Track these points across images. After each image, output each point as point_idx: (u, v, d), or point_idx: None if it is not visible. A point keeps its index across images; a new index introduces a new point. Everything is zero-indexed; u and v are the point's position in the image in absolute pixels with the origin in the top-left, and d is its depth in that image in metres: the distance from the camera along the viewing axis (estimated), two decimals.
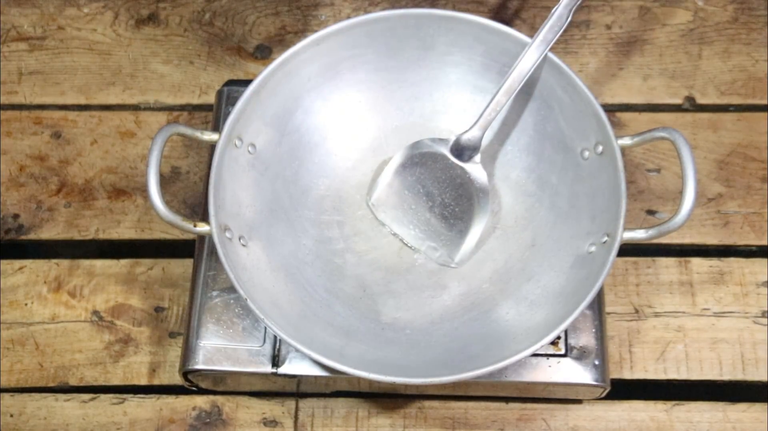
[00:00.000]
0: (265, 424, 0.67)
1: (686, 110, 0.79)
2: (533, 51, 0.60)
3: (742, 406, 0.67)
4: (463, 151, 0.64)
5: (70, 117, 0.79)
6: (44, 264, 0.73)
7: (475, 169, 0.64)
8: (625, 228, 0.57)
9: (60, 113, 0.79)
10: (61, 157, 0.77)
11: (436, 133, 0.67)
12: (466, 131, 0.63)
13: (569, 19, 0.60)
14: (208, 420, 0.67)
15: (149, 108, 0.80)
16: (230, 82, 0.73)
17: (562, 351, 0.62)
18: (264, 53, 0.82)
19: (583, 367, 0.62)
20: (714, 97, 0.79)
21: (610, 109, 0.78)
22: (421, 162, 0.65)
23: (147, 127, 0.78)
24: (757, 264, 0.72)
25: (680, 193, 0.56)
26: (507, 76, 0.61)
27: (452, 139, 0.63)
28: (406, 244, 0.66)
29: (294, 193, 0.66)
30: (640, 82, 0.79)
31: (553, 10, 0.60)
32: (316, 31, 0.64)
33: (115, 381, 0.69)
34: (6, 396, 0.68)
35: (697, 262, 0.72)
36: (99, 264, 0.73)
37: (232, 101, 0.70)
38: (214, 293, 0.64)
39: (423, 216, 0.66)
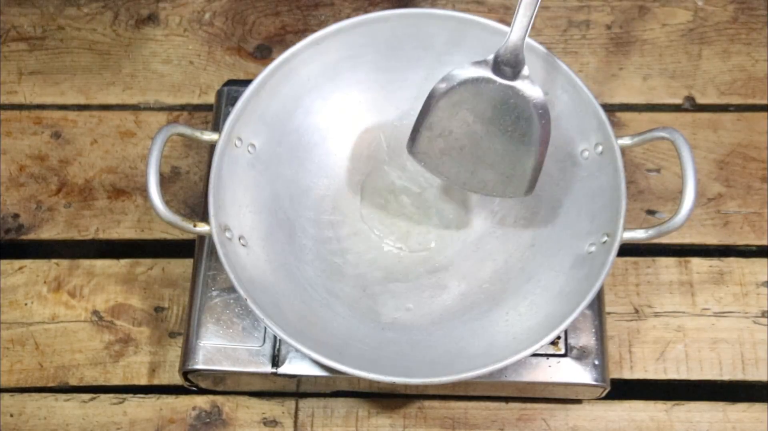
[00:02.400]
0: (265, 424, 0.67)
1: (686, 110, 0.79)
2: None
3: (742, 406, 0.67)
4: (506, 67, 0.58)
5: (70, 117, 0.79)
6: (44, 264, 0.73)
7: (525, 85, 0.58)
8: (625, 228, 0.57)
9: (60, 113, 0.79)
10: (61, 156, 0.77)
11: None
12: (504, 43, 0.57)
13: None
14: (208, 420, 0.67)
15: (149, 108, 0.80)
16: (230, 82, 0.73)
17: (562, 351, 0.62)
18: (264, 53, 0.82)
19: (583, 367, 0.62)
20: (714, 97, 0.79)
21: (610, 109, 0.78)
22: (461, 93, 0.59)
23: (147, 126, 0.78)
24: (757, 264, 0.72)
25: (680, 192, 0.56)
26: None
27: (491, 57, 0.58)
28: (467, 191, 0.63)
29: (294, 193, 0.66)
30: (640, 81, 0.79)
31: None
32: (316, 31, 0.64)
33: (115, 381, 0.69)
34: (6, 396, 0.68)
35: (697, 262, 0.72)
36: (99, 264, 0.73)
37: (232, 101, 0.70)
38: (214, 293, 0.64)
39: (478, 153, 0.60)
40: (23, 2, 0.84)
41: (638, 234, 0.57)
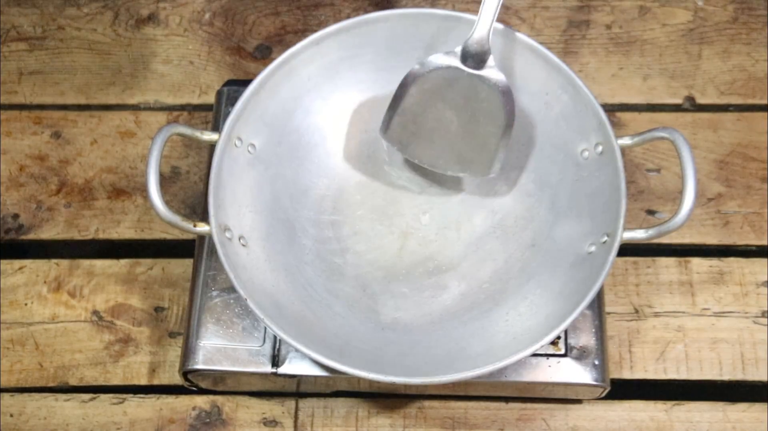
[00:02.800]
0: (265, 424, 0.67)
1: (686, 110, 0.79)
2: None
3: (741, 406, 0.67)
4: (473, 57, 0.61)
5: (70, 117, 0.79)
6: (44, 264, 0.73)
7: (491, 72, 0.61)
8: (625, 228, 0.57)
9: (60, 113, 0.79)
10: (61, 156, 0.77)
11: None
12: (470, 35, 0.61)
13: None
14: (208, 420, 0.67)
15: (149, 108, 0.80)
16: (230, 82, 0.73)
17: (562, 351, 0.62)
18: (264, 53, 0.82)
19: (583, 367, 0.62)
20: (714, 97, 0.79)
21: (610, 109, 0.78)
22: (432, 81, 0.62)
23: (147, 126, 0.78)
24: (757, 264, 0.72)
25: (680, 192, 0.56)
26: None
27: (458, 49, 0.61)
28: (437, 172, 0.65)
29: (294, 193, 0.66)
30: (640, 81, 0.79)
31: None
32: (315, 31, 0.64)
33: (115, 381, 0.69)
34: (6, 396, 0.68)
35: (696, 262, 0.72)
36: (99, 264, 0.73)
37: (231, 101, 0.70)
38: (214, 293, 0.64)
39: (447, 136, 0.64)
40: (23, 2, 0.84)
41: (638, 235, 0.57)
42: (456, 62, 0.61)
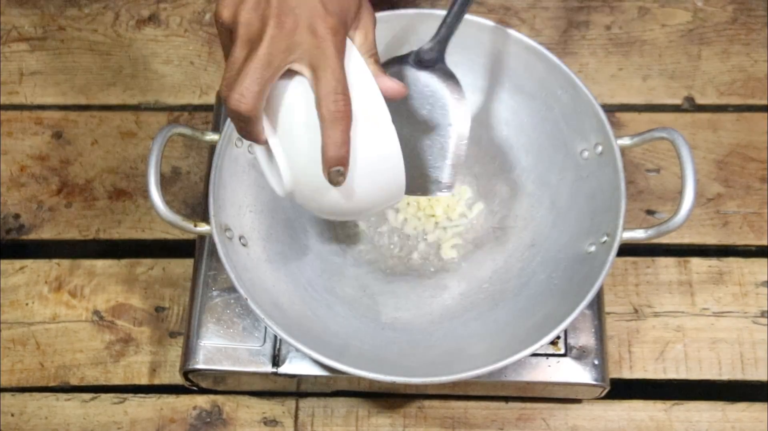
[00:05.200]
0: (265, 424, 0.67)
1: (685, 110, 0.79)
2: None
3: (741, 406, 0.67)
4: (426, 63, 0.57)
5: (70, 117, 0.79)
6: (45, 264, 0.73)
7: (441, 68, 0.57)
8: (625, 228, 0.57)
9: (61, 113, 0.79)
10: (61, 157, 0.77)
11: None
12: (425, 44, 0.57)
13: None
14: (208, 419, 0.68)
15: (150, 108, 0.80)
16: None
17: (562, 351, 0.62)
18: None
19: (583, 367, 0.62)
20: (713, 98, 0.79)
21: (610, 110, 0.78)
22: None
23: (147, 127, 0.78)
24: (756, 264, 0.72)
25: (679, 193, 0.56)
26: None
27: (411, 52, 0.57)
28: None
29: None
30: (639, 82, 0.80)
31: None
32: None
33: (116, 380, 0.69)
34: (7, 395, 0.69)
35: (696, 262, 0.72)
36: (100, 264, 0.73)
37: None
38: (215, 293, 0.64)
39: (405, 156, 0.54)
40: (24, 3, 0.84)
41: (638, 234, 0.57)
42: (407, 65, 0.57)
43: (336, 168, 0.46)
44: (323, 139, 0.46)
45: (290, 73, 0.47)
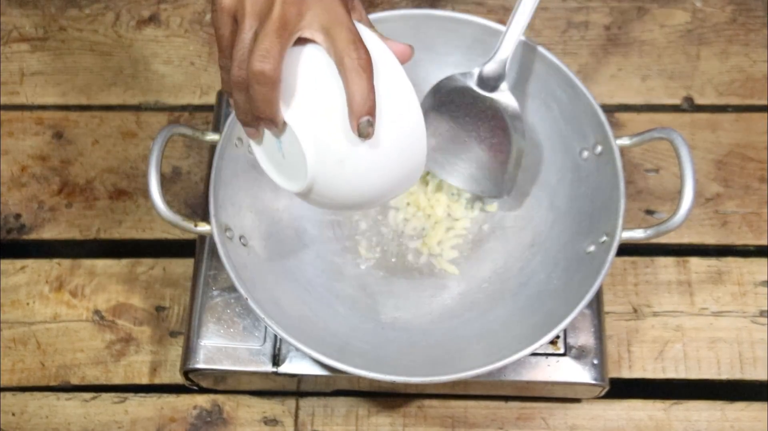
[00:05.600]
0: (265, 423, 0.67)
1: (685, 110, 0.79)
2: None
3: (740, 405, 0.67)
4: (488, 82, 0.62)
5: (71, 117, 0.79)
6: (46, 263, 0.73)
7: (503, 96, 0.62)
8: (624, 228, 0.57)
9: (61, 113, 0.79)
10: (62, 157, 0.77)
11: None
12: (486, 62, 0.62)
13: None
14: (208, 419, 0.68)
15: (150, 108, 0.80)
16: None
17: (561, 351, 0.62)
18: None
19: (582, 366, 0.62)
20: (712, 98, 0.79)
21: (609, 110, 0.78)
22: (449, 100, 0.63)
23: (148, 127, 0.79)
24: (755, 264, 0.72)
25: (679, 192, 0.56)
26: (518, 2, 0.60)
27: (476, 71, 0.62)
28: (450, 185, 0.66)
29: None
30: (638, 82, 0.80)
31: None
32: None
33: (117, 380, 0.69)
34: (7, 395, 0.69)
35: (695, 262, 0.72)
36: (100, 263, 0.73)
37: None
38: (215, 292, 0.64)
39: (461, 153, 0.64)
40: (25, 3, 0.84)
41: (637, 234, 0.57)
42: (471, 83, 0.62)
43: (365, 118, 0.45)
44: (348, 91, 0.45)
45: (300, 43, 0.46)
